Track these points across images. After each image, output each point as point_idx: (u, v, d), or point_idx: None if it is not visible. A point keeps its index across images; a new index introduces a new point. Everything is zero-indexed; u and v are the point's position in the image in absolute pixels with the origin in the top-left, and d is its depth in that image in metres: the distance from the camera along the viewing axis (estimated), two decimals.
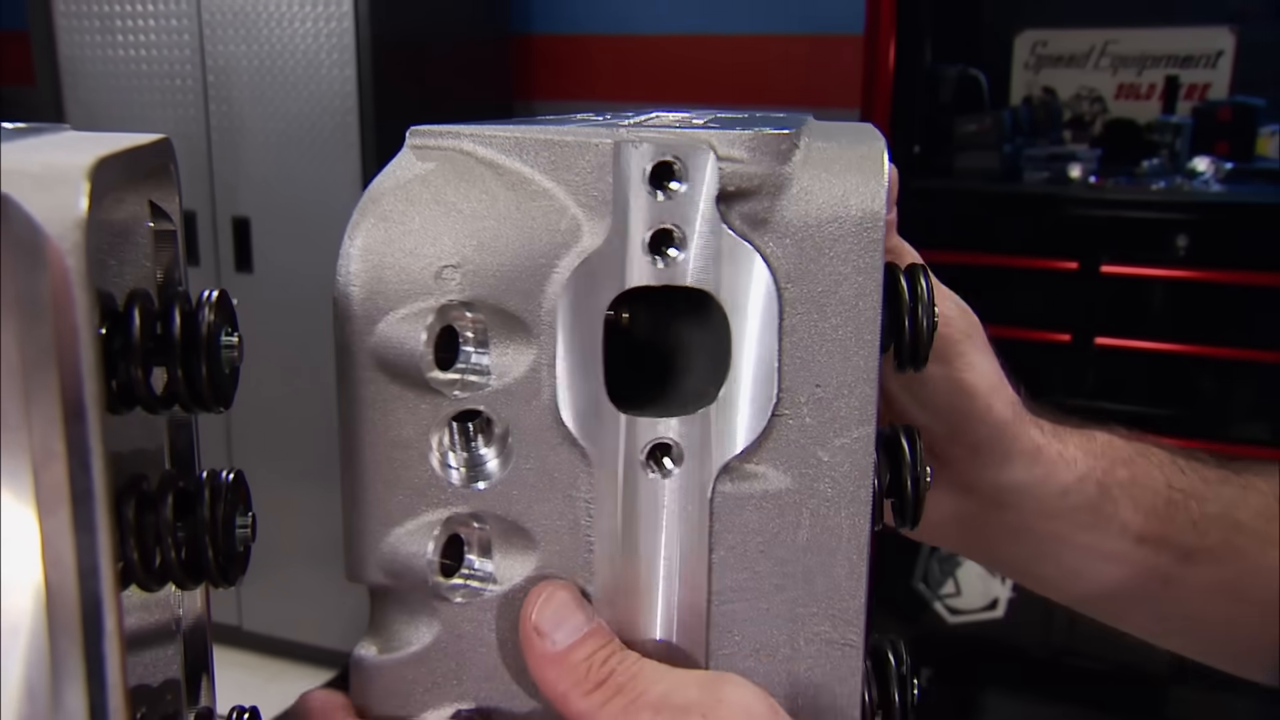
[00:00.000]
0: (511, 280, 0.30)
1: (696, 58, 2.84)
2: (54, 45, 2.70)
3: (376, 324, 0.30)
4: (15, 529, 0.25)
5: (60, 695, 0.26)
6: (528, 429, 0.31)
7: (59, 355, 0.25)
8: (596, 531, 0.32)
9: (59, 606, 0.26)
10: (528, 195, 0.30)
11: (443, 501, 0.32)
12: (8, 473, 0.25)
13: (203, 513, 0.32)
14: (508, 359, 0.31)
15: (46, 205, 0.24)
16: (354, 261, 0.30)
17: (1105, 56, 2.99)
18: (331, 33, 2.47)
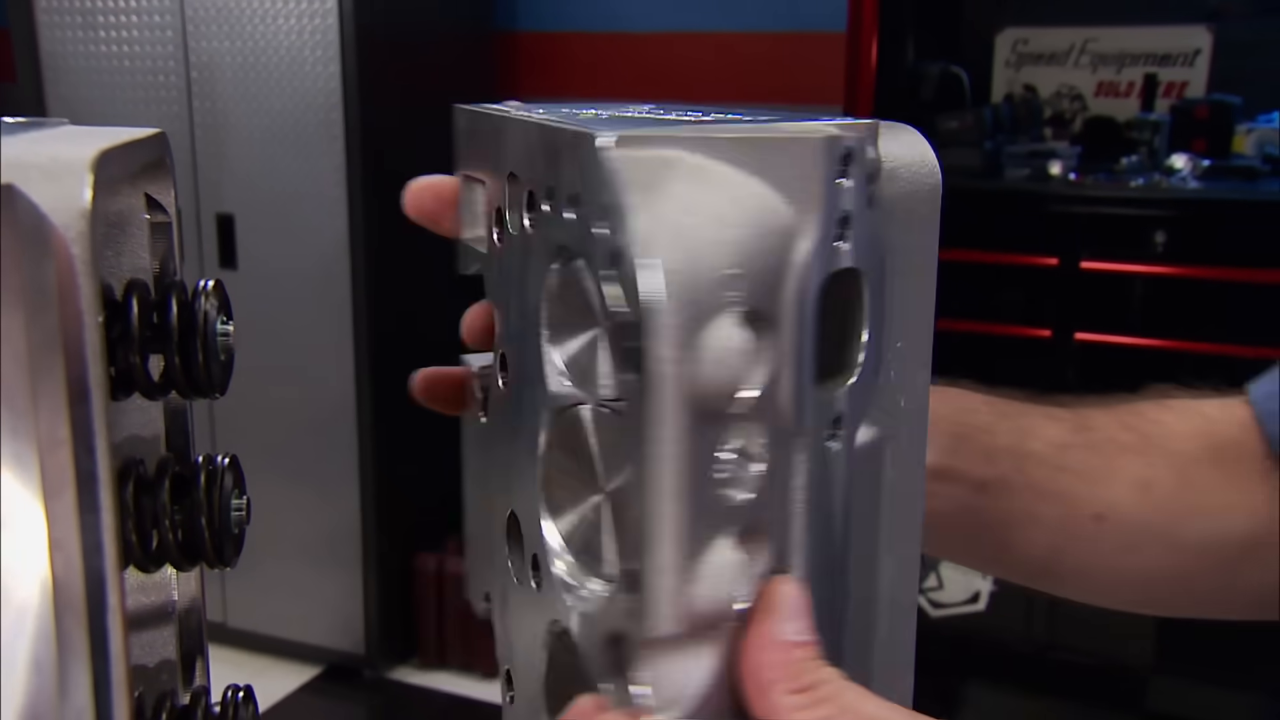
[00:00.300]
0: (766, 281, 0.29)
1: (680, 55, 2.85)
2: (35, 41, 2.69)
3: (692, 343, 0.28)
4: (21, 511, 0.26)
5: (66, 671, 0.27)
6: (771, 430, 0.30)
7: (64, 341, 0.26)
8: (810, 515, 0.31)
9: (64, 585, 0.27)
10: (753, 194, 0.29)
11: (731, 524, 0.30)
12: (14, 457, 0.26)
13: (199, 495, 0.33)
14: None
15: (52, 196, 0.25)
16: (663, 280, 0.28)
17: (1085, 54, 3.02)
18: (315, 29, 2.47)
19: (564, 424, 0.36)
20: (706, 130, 0.30)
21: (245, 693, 0.36)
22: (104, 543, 0.27)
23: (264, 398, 2.59)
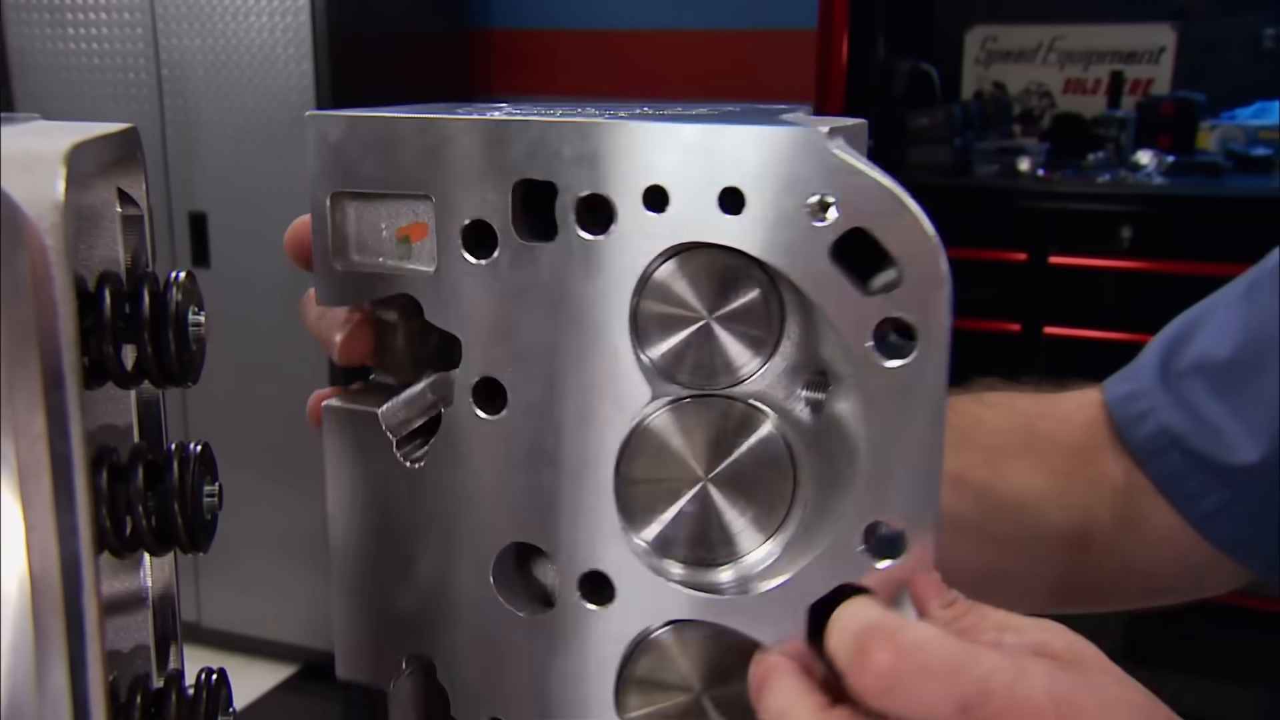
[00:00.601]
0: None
1: (653, 53, 2.86)
2: (2, 38, 2.67)
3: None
4: None
5: (43, 654, 0.28)
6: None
7: (39, 330, 0.26)
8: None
9: (40, 569, 0.28)
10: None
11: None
12: None
13: (171, 482, 0.34)
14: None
15: (25, 188, 0.26)
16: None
17: (1053, 52, 3.05)
18: (288, 27, 2.46)
19: (647, 429, 0.37)
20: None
21: (219, 676, 0.37)
22: (79, 527, 0.28)
23: (237, 396, 2.58)
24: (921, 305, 0.34)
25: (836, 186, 0.33)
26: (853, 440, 0.36)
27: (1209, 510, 0.60)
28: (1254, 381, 0.58)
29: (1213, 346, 0.60)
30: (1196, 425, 0.59)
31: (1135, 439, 0.61)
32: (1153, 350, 0.63)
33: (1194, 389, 0.60)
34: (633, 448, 0.38)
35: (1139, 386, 0.62)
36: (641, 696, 0.39)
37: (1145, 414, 0.61)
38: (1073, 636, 0.36)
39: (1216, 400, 0.59)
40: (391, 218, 0.39)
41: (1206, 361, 0.60)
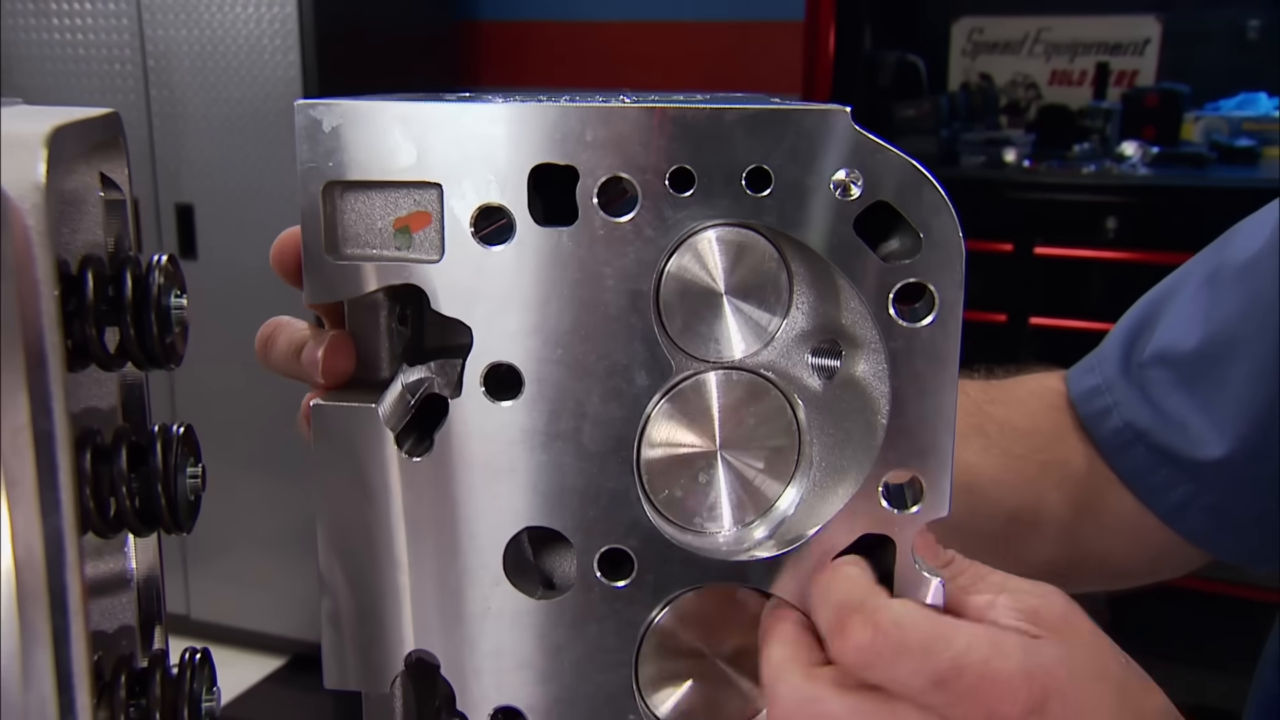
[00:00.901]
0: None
1: (640, 43, 2.86)
2: None
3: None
4: None
5: (27, 629, 0.28)
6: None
7: (21, 310, 0.27)
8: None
9: (23, 545, 0.28)
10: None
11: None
12: None
13: (155, 463, 0.34)
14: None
15: (7, 170, 0.26)
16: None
17: (1039, 43, 3.07)
18: (274, 17, 2.45)
19: (687, 394, 0.39)
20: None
21: (202, 655, 0.37)
22: (62, 505, 0.28)
23: (225, 389, 2.58)
24: (942, 271, 0.36)
25: (861, 163, 0.36)
26: (871, 400, 0.38)
27: (1176, 503, 0.60)
28: (1218, 375, 0.58)
29: (1175, 337, 0.60)
30: (1161, 421, 0.59)
31: (1100, 433, 0.62)
32: (1114, 340, 0.63)
33: (1157, 381, 0.60)
34: (654, 423, 0.39)
35: (1103, 380, 0.62)
36: (659, 665, 0.40)
37: (1109, 409, 0.61)
38: (1066, 605, 0.37)
39: (1181, 394, 0.59)
40: (390, 207, 0.38)
41: (1169, 353, 0.60)
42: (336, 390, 0.41)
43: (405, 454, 0.39)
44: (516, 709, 0.40)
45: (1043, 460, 0.62)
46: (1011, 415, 0.63)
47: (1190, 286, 0.61)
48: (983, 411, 0.62)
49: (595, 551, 0.39)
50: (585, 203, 0.36)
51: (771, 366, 0.39)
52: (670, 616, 0.40)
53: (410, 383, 0.40)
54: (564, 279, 0.37)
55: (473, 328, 0.38)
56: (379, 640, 0.40)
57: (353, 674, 0.41)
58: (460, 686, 0.40)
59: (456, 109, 0.37)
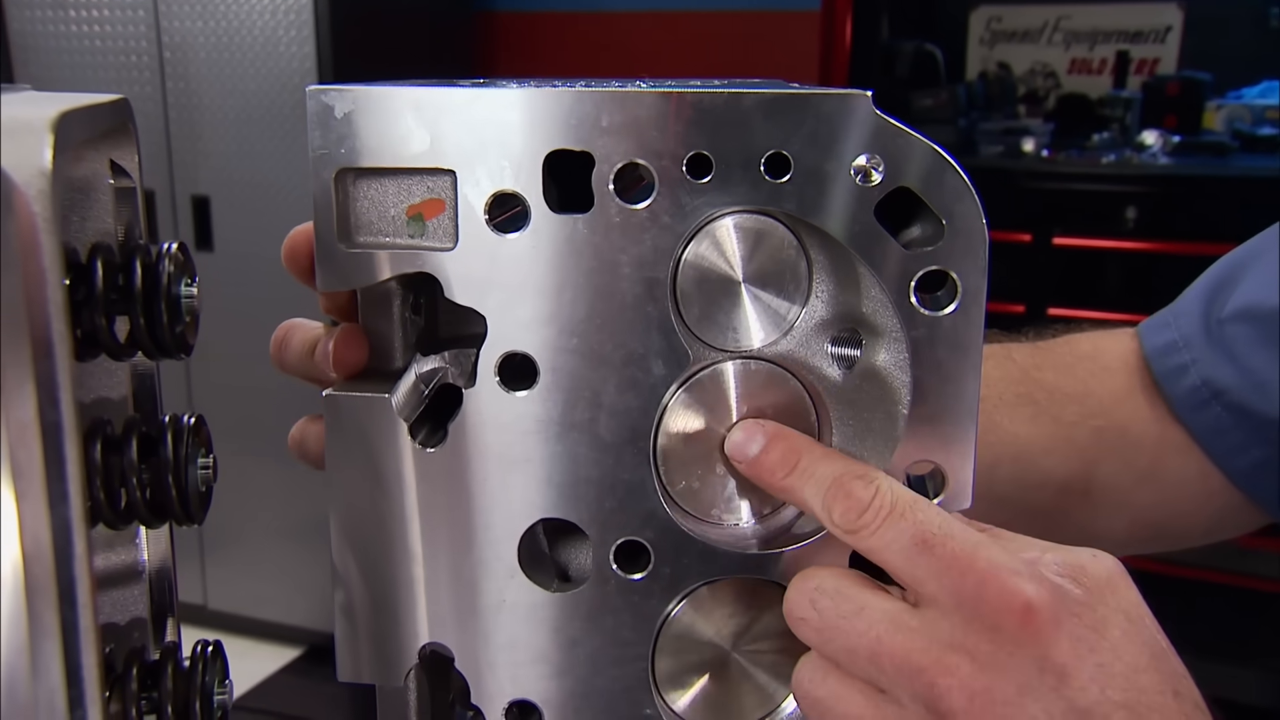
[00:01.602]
0: None
1: (657, 34, 2.85)
2: (3, 21, 2.66)
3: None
4: None
5: (35, 620, 0.28)
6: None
7: (28, 299, 0.26)
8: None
9: (32, 536, 0.28)
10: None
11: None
12: None
13: (165, 453, 0.34)
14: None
15: (13, 155, 0.26)
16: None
17: (1058, 32, 3.04)
18: (290, 9, 2.45)
19: (705, 384, 0.38)
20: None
21: (214, 648, 0.37)
22: (70, 495, 0.28)
23: (242, 380, 2.59)
24: (964, 258, 0.36)
25: (882, 148, 0.35)
26: (892, 390, 0.37)
27: (1249, 465, 0.58)
28: None
29: (1262, 295, 0.57)
30: (1241, 378, 0.57)
31: (1174, 390, 0.59)
32: (1193, 296, 0.61)
33: (1239, 338, 0.58)
34: (671, 413, 0.38)
35: (1179, 335, 0.60)
36: (675, 659, 0.39)
37: (1186, 366, 0.59)
38: (1114, 567, 0.36)
39: (1264, 351, 0.57)
40: (403, 195, 0.38)
41: (1255, 309, 0.57)
42: (350, 380, 0.40)
43: (419, 444, 0.39)
44: (531, 703, 0.40)
45: (1096, 426, 0.60)
46: (1061, 380, 0.61)
47: (1275, 242, 0.59)
48: (1030, 378, 0.60)
49: (611, 544, 0.38)
50: (601, 189, 0.36)
51: (790, 356, 0.39)
52: (685, 611, 0.39)
53: (424, 373, 0.40)
54: (579, 267, 0.37)
55: (487, 317, 0.37)
56: (393, 633, 0.40)
57: (366, 667, 0.40)
58: (475, 680, 0.40)
59: (470, 94, 0.36)
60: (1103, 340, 0.64)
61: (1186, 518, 0.62)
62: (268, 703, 2.64)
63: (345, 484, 0.39)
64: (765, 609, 0.39)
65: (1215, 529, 0.63)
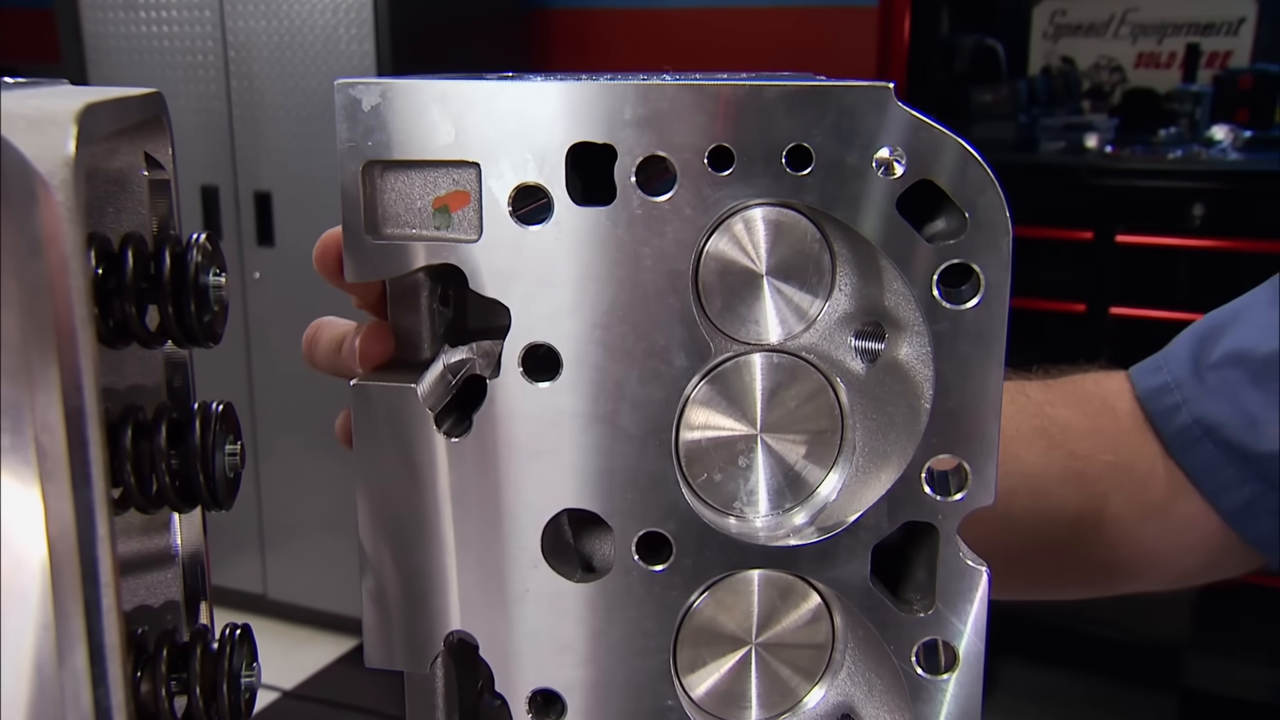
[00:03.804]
0: None
1: (713, 30, 2.85)
2: (79, 23, 2.74)
3: None
4: (14, 447, 0.28)
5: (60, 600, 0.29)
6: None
7: (52, 285, 0.27)
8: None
9: (56, 520, 0.28)
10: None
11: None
12: (7, 399, 0.28)
13: (193, 440, 0.35)
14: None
15: (38, 146, 0.27)
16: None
17: (1125, 25, 2.97)
18: (350, 8, 2.49)
19: (727, 376, 0.38)
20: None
21: (243, 630, 0.38)
22: (93, 477, 0.28)
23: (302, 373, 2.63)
24: (988, 251, 0.35)
25: (904, 140, 0.35)
26: (915, 384, 0.37)
27: (1241, 503, 0.60)
28: None
29: (1250, 342, 0.60)
30: (1232, 414, 0.60)
31: (1168, 429, 0.61)
32: (1181, 344, 0.63)
33: (1228, 380, 0.60)
34: (693, 405, 0.38)
35: (1171, 378, 0.62)
36: (696, 652, 0.39)
37: (1178, 405, 0.61)
38: None
39: (1252, 390, 0.59)
40: (429, 187, 0.38)
41: (1243, 355, 0.60)
42: (378, 370, 0.41)
43: (444, 434, 0.39)
44: (555, 692, 0.40)
45: (1106, 461, 0.61)
46: (1072, 417, 0.63)
47: (1261, 301, 0.61)
48: (1044, 414, 0.62)
49: (633, 535, 0.38)
50: (623, 182, 0.36)
51: (813, 349, 0.38)
52: (707, 605, 0.39)
53: (452, 363, 0.40)
54: (602, 259, 0.37)
55: (510, 308, 0.37)
56: (419, 620, 0.40)
57: (394, 653, 0.41)
58: (499, 668, 0.40)
59: (494, 87, 0.36)
60: (1103, 380, 0.65)
61: (1191, 555, 0.63)
62: (324, 691, 2.69)
63: (372, 471, 0.40)
64: (788, 603, 0.39)
65: (1215, 568, 0.64)
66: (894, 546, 0.39)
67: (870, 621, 0.39)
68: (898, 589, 0.40)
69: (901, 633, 0.38)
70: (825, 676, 0.40)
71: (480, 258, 0.37)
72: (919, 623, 0.38)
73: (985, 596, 0.38)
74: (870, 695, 0.40)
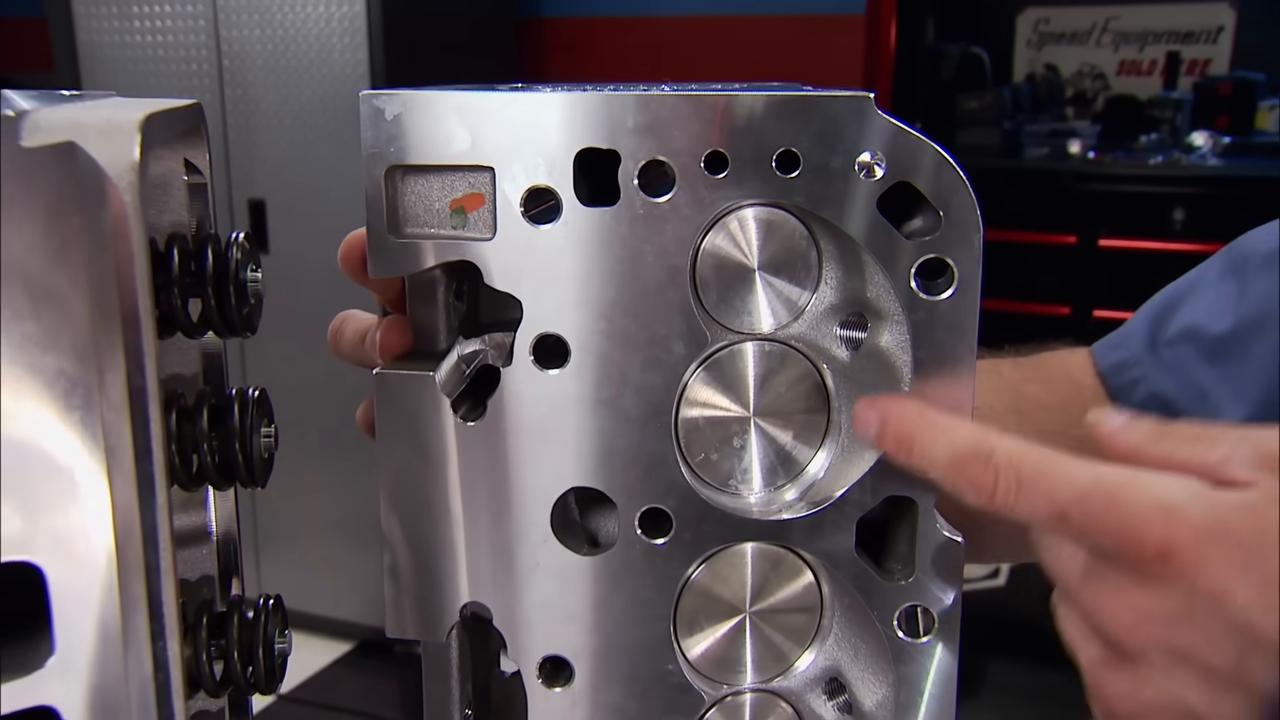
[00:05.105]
0: None
1: (702, 39, 2.88)
2: (73, 32, 2.76)
3: None
4: (84, 423, 0.31)
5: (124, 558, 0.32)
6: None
7: (119, 277, 0.30)
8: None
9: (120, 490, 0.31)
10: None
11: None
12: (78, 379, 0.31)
13: (232, 422, 0.38)
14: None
15: (107, 152, 0.30)
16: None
17: (1107, 33, 3.02)
18: (344, 17, 2.51)
19: (722, 363, 0.41)
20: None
21: (275, 600, 0.41)
22: (153, 451, 0.31)
23: (295, 378, 2.65)
24: (961, 246, 0.39)
25: (884, 145, 0.38)
26: (895, 369, 0.40)
27: None
28: (1241, 351, 0.61)
29: (1203, 320, 0.63)
30: (1184, 389, 0.63)
31: (1128, 403, 0.64)
32: (1138, 323, 0.67)
33: (1183, 356, 0.63)
34: (691, 390, 0.41)
35: (1129, 355, 0.65)
36: (695, 620, 0.43)
37: (1136, 381, 0.64)
38: None
39: (1205, 367, 0.62)
40: (446, 190, 0.41)
41: (1198, 333, 0.63)
42: (398, 360, 0.44)
43: (460, 418, 0.42)
44: (564, 658, 0.43)
45: (1076, 436, 0.64)
46: (1043, 394, 0.65)
47: (1212, 277, 0.64)
48: (1017, 391, 0.64)
49: (636, 511, 0.41)
50: (626, 184, 0.39)
51: (802, 338, 0.41)
52: (704, 575, 0.42)
53: (466, 354, 0.43)
54: (607, 255, 0.40)
55: (522, 301, 0.40)
56: (436, 592, 0.43)
57: (412, 624, 0.44)
58: (511, 636, 0.43)
59: (508, 98, 0.40)
60: (1069, 358, 0.68)
61: None
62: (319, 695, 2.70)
63: (392, 453, 0.43)
64: (780, 573, 0.42)
65: None
66: (877, 521, 0.42)
67: (855, 589, 0.42)
68: (881, 560, 0.43)
69: (884, 599, 0.42)
70: (814, 642, 0.43)
71: (494, 255, 0.40)
72: (900, 590, 0.41)
73: (960, 565, 0.41)
74: (856, 658, 0.43)
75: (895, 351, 0.40)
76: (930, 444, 0.38)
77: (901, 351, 0.40)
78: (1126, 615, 0.36)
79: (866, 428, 0.40)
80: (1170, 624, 0.35)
